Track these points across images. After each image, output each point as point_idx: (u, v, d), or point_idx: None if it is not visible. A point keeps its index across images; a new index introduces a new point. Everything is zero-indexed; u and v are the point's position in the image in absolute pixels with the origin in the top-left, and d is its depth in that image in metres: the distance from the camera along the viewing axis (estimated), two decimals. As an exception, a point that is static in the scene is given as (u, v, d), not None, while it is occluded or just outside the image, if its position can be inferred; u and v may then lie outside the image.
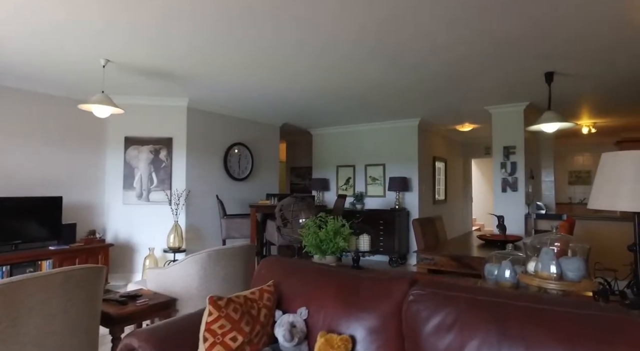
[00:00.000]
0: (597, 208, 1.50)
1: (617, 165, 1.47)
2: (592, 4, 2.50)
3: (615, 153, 1.50)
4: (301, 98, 5.12)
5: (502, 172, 5.32)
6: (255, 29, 2.92)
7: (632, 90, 4.63)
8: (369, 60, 3.60)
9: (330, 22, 2.79)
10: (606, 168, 1.51)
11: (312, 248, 2.06)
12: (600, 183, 1.52)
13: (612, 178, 1.47)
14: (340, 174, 7.29)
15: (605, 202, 1.47)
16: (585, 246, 1.55)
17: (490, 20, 2.75)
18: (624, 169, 1.45)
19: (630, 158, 1.45)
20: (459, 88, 4.56)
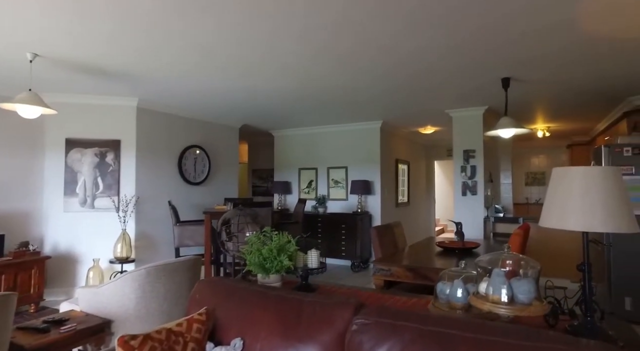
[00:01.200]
0: (547, 226, 1.42)
1: (567, 181, 1.40)
2: (541, 13, 2.47)
3: (565, 168, 1.42)
4: (259, 100, 4.92)
5: (462, 175, 5.35)
6: (196, 23, 2.70)
7: (581, 97, 4.76)
8: (322, 62, 3.46)
9: (277, 19, 2.62)
10: (556, 184, 1.44)
11: (254, 266, 1.89)
12: (551, 200, 1.44)
13: (561, 196, 1.40)
14: (302, 177, 7.13)
15: (555, 221, 1.39)
16: (536, 266, 1.47)
17: (447, 26, 2.68)
18: (574, 186, 1.37)
19: (580, 174, 1.37)
20: (419, 91, 4.51)
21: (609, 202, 1.33)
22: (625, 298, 3.80)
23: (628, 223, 1.31)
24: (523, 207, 10.00)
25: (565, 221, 1.37)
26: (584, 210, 1.33)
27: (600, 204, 1.32)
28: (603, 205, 1.32)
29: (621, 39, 2.94)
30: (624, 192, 1.35)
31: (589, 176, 1.37)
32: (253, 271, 1.90)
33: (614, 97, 4.78)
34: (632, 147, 3.83)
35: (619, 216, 1.32)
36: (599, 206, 1.33)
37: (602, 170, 1.36)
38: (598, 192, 1.34)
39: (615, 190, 1.34)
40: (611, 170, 1.37)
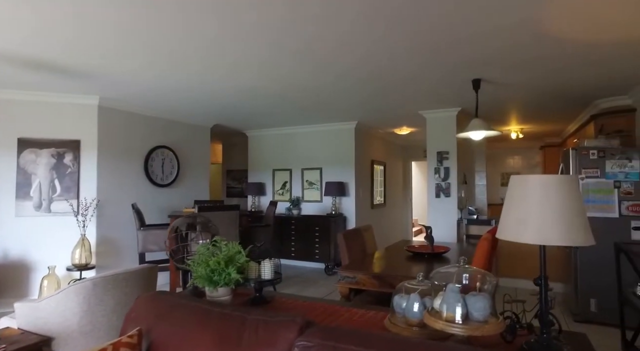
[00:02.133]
0: (504, 239, 1.34)
1: (524, 191, 1.31)
2: (503, 14, 2.42)
3: (522, 177, 1.34)
4: (229, 99, 4.75)
5: (436, 177, 5.31)
6: (160, 21, 2.54)
7: (551, 100, 4.79)
8: (293, 63, 3.34)
9: (245, 16, 2.48)
10: (513, 193, 1.35)
11: (200, 279, 1.75)
12: (507, 211, 1.36)
13: (518, 206, 1.31)
14: (276, 178, 6.99)
15: (511, 233, 1.31)
16: (492, 280, 1.39)
17: (416, 27, 2.59)
18: (530, 196, 1.29)
19: (537, 183, 1.30)
20: (391, 92, 4.44)
21: (566, 213, 1.25)
22: (590, 300, 3.82)
23: (584, 235, 1.24)
24: (498, 207, 10.11)
25: (521, 234, 1.28)
26: (540, 222, 1.25)
27: (557, 216, 1.25)
28: (560, 217, 1.25)
29: (586, 43, 2.92)
30: (579, 202, 1.28)
31: (545, 185, 1.29)
32: (199, 284, 1.76)
33: (582, 100, 4.82)
34: (597, 149, 3.85)
35: (575, 228, 1.24)
36: (555, 218, 1.25)
37: (558, 179, 1.29)
38: (555, 203, 1.26)
39: (571, 201, 1.27)
40: (567, 180, 1.29)
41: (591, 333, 3.59)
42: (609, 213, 3.81)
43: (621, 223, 3.73)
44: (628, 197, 3.74)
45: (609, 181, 3.81)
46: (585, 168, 3.89)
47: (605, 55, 3.19)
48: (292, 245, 6.29)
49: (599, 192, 3.85)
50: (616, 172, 3.79)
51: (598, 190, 3.85)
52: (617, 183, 3.78)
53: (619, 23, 2.58)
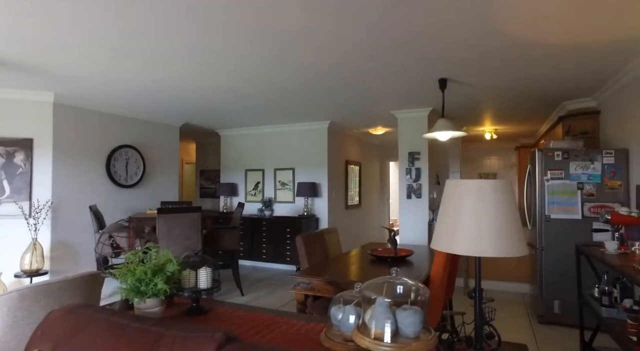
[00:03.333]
0: (437, 249, 1.25)
1: (458, 197, 1.23)
2: (465, 14, 2.35)
3: (457, 181, 1.26)
4: (197, 98, 4.59)
5: (407, 178, 5.26)
6: (118, 12, 2.38)
7: (520, 101, 4.78)
8: (261, 61, 3.21)
9: (212, 16, 2.35)
10: (448, 199, 1.27)
11: (126, 290, 1.61)
12: (442, 218, 1.27)
13: (452, 214, 1.22)
14: (249, 178, 6.84)
15: (444, 243, 1.22)
16: (425, 293, 1.30)
17: (380, 26, 2.50)
18: (464, 202, 1.21)
19: (471, 188, 1.21)
20: (360, 92, 4.35)
21: (500, 222, 1.17)
22: (554, 301, 3.81)
23: (516, 246, 1.16)
24: (474, 207, 10.18)
25: (453, 244, 1.20)
26: (472, 232, 1.17)
27: (490, 225, 1.16)
28: (492, 227, 1.16)
29: (549, 44, 2.88)
30: (513, 210, 1.20)
31: (479, 191, 1.20)
32: (122, 295, 1.62)
33: (551, 101, 4.84)
34: (562, 151, 3.84)
35: (508, 238, 1.16)
36: (488, 227, 1.16)
37: (493, 185, 1.20)
38: (488, 211, 1.18)
39: (505, 208, 1.18)
40: (501, 185, 1.21)
41: (554, 334, 3.59)
42: (572, 215, 3.80)
43: (584, 225, 3.73)
44: (590, 199, 3.74)
45: (572, 182, 3.81)
46: (550, 170, 3.88)
47: (568, 57, 3.17)
48: (263, 247, 6.15)
49: (563, 194, 3.85)
50: (579, 173, 3.79)
51: (562, 192, 3.85)
52: (580, 184, 3.78)
53: (574, 24, 2.54)
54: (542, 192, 3.91)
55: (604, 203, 3.71)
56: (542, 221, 3.91)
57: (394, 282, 1.34)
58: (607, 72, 3.59)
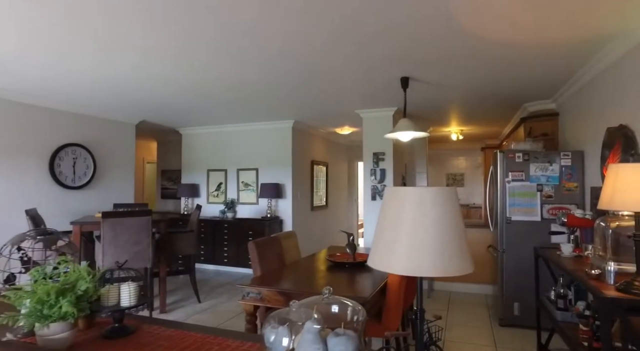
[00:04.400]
0: (373, 267, 1.10)
1: (397, 207, 1.09)
2: (419, 10, 2.24)
3: (396, 189, 1.12)
4: (153, 94, 4.30)
5: (372, 179, 5.16)
6: (9, -7, 2.10)
7: (484, 102, 4.77)
8: (210, 55, 3.00)
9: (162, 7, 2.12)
10: (386, 209, 1.12)
11: (23, 316, 1.38)
12: (380, 232, 1.12)
13: (390, 226, 1.08)
14: (211, 179, 6.57)
15: (381, 260, 1.08)
16: (362, 313, 1.15)
17: (344, 22, 2.35)
18: (404, 213, 1.07)
19: (411, 197, 1.07)
20: (322, 90, 4.21)
21: (442, 237, 1.04)
22: (514, 303, 3.80)
23: (460, 263, 1.03)
24: (442, 207, 10.27)
25: (391, 262, 1.06)
26: (411, 249, 1.03)
27: (431, 240, 1.03)
28: (434, 242, 1.03)
29: (509, 45, 2.82)
30: (458, 221, 1.07)
31: (420, 201, 1.07)
32: (19, 321, 1.39)
33: (513, 103, 4.86)
34: (522, 153, 3.83)
35: (451, 255, 1.03)
36: (428, 243, 1.03)
37: (435, 193, 1.07)
38: (428, 224, 1.04)
39: (449, 220, 1.05)
40: (445, 193, 1.08)
41: (514, 337, 3.57)
42: (532, 217, 3.80)
43: (543, 227, 3.73)
44: (549, 200, 3.75)
45: (532, 184, 3.81)
46: (512, 172, 3.87)
47: (527, 58, 3.13)
48: (225, 251, 5.91)
49: (524, 195, 3.84)
50: (539, 175, 3.79)
51: (523, 194, 3.84)
52: (539, 186, 3.79)
53: (528, 25, 2.48)
54: (504, 193, 3.89)
55: (561, 205, 3.73)
56: (503, 223, 3.89)
57: (326, 303, 1.18)
58: (564, 74, 3.59)
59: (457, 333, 3.66)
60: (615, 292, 1.86)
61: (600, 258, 2.18)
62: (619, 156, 2.73)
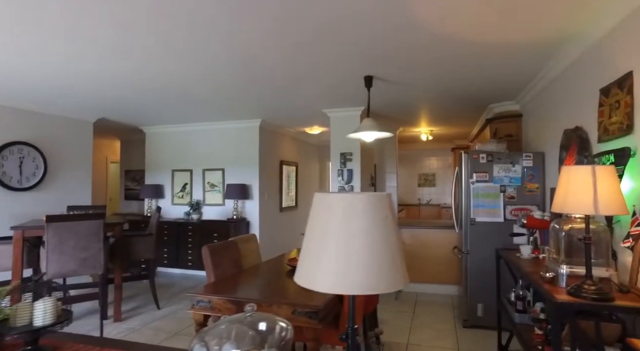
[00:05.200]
0: (299, 284, 0.99)
1: (324, 216, 0.98)
2: (381, 5, 2.16)
3: (324, 195, 1.01)
4: (108, 90, 4.06)
5: (339, 180, 5.08)
6: None
7: (450, 102, 4.77)
8: (160, 53, 2.82)
9: None
10: (314, 219, 1.02)
11: None
12: (306, 244, 1.01)
13: (317, 238, 0.97)
14: (176, 179, 6.33)
15: (305, 276, 0.97)
16: (288, 332, 1.05)
17: (295, 13, 2.23)
18: (331, 223, 0.96)
19: (340, 204, 0.97)
20: (285, 88, 4.08)
21: (373, 249, 0.94)
22: (478, 304, 3.79)
23: (394, 279, 0.94)
24: (415, 207, 10.34)
25: (316, 278, 0.95)
26: (339, 263, 0.92)
27: (360, 254, 0.93)
28: (364, 256, 0.93)
29: (471, 43, 2.78)
30: (390, 232, 0.97)
31: (349, 208, 0.96)
32: None
33: (479, 103, 4.88)
34: (486, 153, 3.83)
35: (383, 270, 0.93)
36: (358, 256, 0.93)
37: (366, 200, 0.97)
38: (358, 234, 0.94)
39: (381, 230, 0.96)
40: (377, 200, 0.98)
41: (476, 338, 3.55)
42: (495, 218, 3.80)
43: (506, 228, 3.73)
44: (512, 202, 3.76)
45: (496, 185, 3.81)
46: (476, 172, 3.86)
47: (490, 58, 3.11)
48: (189, 254, 5.70)
49: (488, 197, 3.84)
50: (502, 176, 3.79)
51: (486, 195, 3.84)
52: (502, 187, 3.79)
53: (487, 24, 2.45)
54: (468, 194, 3.87)
55: (523, 206, 3.74)
56: (467, 224, 3.88)
57: (247, 323, 1.07)
58: (527, 75, 3.61)
59: (422, 335, 3.62)
60: (566, 296, 1.83)
61: (554, 261, 2.16)
62: (574, 158, 2.73)
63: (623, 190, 2.03)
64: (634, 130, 1.99)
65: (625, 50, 2.12)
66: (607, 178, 1.75)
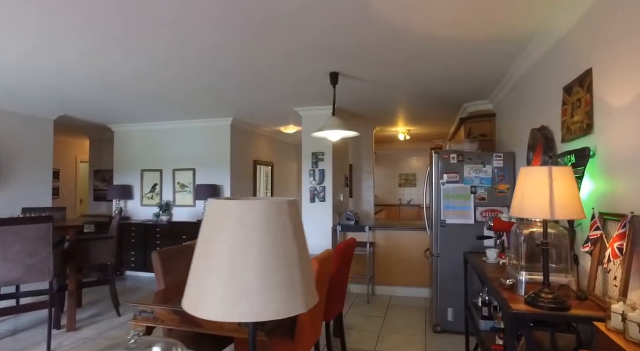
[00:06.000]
0: (185, 309, 0.85)
1: (215, 228, 0.83)
2: None
3: (217, 202, 0.87)
4: (71, 86, 3.84)
5: (310, 180, 4.94)
6: None
7: (425, 101, 4.68)
8: (114, 46, 2.63)
9: None
10: (204, 231, 0.87)
11: None
12: (195, 262, 0.86)
13: (206, 255, 0.83)
14: (145, 180, 6.10)
15: (191, 302, 0.82)
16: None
17: None
18: (221, 237, 0.81)
19: (233, 213, 0.82)
20: (253, 85, 3.92)
21: (267, 267, 0.79)
22: (448, 309, 3.70)
23: (290, 303, 0.80)
24: (395, 208, 10.27)
25: (202, 302, 0.80)
26: (228, 286, 0.78)
27: (248, 274, 0.79)
28: (258, 276, 0.79)
29: (433, 38, 2.67)
30: (290, 246, 0.83)
31: (243, 218, 0.82)
32: None
33: (453, 103, 4.80)
34: (457, 153, 3.73)
35: (277, 292, 0.79)
36: (251, 277, 0.78)
37: (265, 207, 0.82)
38: (249, 252, 0.80)
39: (279, 244, 0.81)
40: (278, 207, 0.84)
41: (445, 343, 3.45)
42: (466, 220, 3.71)
43: (477, 230, 3.64)
44: (482, 203, 3.68)
45: (466, 186, 3.72)
46: (446, 173, 3.76)
47: (456, 54, 3.01)
48: (157, 257, 5.48)
49: (458, 198, 3.74)
50: (472, 176, 3.70)
51: (457, 196, 3.74)
52: (473, 188, 3.70)
53: (447, 18, 2.33)
54: (438, 195, 3.78)
55: (494, 208, 3.66)
56: (438, 226, 3.78)
57: (136, 348, 0.92)
58: (497, 74, 3.52)
59: (390, 342, 3.50)
60: (523, 305, 1.72)
61: (514, 267, 2.06)
62: (540, 158, 2.65)
63: (582, 192, 1.93)
64: (594, 130, 1.90)
65: (585, 46, 2.03)
66: (564, 180, 1.65)
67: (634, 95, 1.59)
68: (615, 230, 1.61)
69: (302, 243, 0.86)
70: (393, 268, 4.99)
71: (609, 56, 1.78)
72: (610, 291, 1.67)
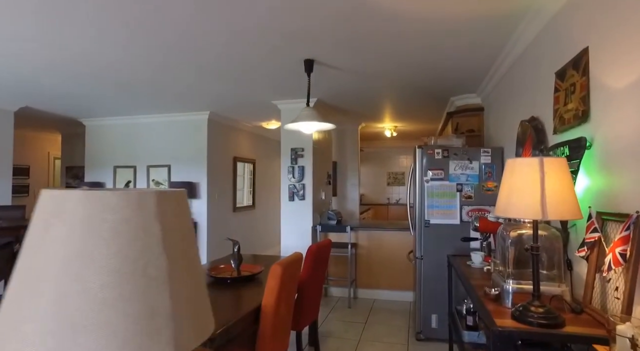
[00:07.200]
0: None
1: (39, 228, 0.56)
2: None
3: (51, 192, 0.60)
4: (31, 74, 3.51)
5: (289, 177, 4.66)
6: None
7: (411, 93, 4.43)
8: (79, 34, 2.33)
9: None
10: (29, 232, 0.59)
11: None
12: (12, 284, 0.59)
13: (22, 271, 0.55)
14: (118, 177, 5.78)
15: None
16: None
17: None
18: (39, 243, 0.54)
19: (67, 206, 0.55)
20: (228, 77, 3.64)
21: (108, 292, 0.52)
22: (432, 315, 3.45)
23: (162, 342, 0.53)
24: (384, 207, 10.03)
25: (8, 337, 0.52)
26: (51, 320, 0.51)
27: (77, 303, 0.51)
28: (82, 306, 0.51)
29: (414, 19, 2.42)
30: (160, 260, 0.56)
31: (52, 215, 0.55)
32: None
33: (440, 96, 4.56)
34: (442, 148, 3.49)
35: (120, 330, 0.52)
36: (70, 311, 0.51)
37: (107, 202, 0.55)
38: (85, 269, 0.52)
39: (137, 260, 0.54)
40: (134, 204, 0.57)
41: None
42: (451, 220, 3.47)
43: (463, 231, 3.40)
44: (469, 202, 3.44)
45: (452, 184, 3.47)
46: (431, 169, 3.51)
47: (441, 39, 2.76)
48: None
49: (443, 196, 3.50)
50: (458, 173, 3.46)
51: (442, 194, 3.50)
52: (459, 186, 3.46)
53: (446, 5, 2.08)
54: (422, 193, 3.53)
55: (481, 207, 3.42)
56: (421, 226, 3.53)
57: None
58: (485, 62, 3.29)
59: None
60: (510, 320, 1.47)
61: (500, 274, 1.81)
62: (530, 153, 2.41)
63: (577, 189, 1.69)
64: (590, 117, 1.65)
65: (582, 22, 1.78)
66: (558, 173, 1.40)
67: (638, 74, 1.35)
68: (616, 232, 1.37)
69: (178, 254, 0.59)
70: (376, 270, 4.73)
71: (610, 30, 1.54)
72: (610, 303, 1.43)
